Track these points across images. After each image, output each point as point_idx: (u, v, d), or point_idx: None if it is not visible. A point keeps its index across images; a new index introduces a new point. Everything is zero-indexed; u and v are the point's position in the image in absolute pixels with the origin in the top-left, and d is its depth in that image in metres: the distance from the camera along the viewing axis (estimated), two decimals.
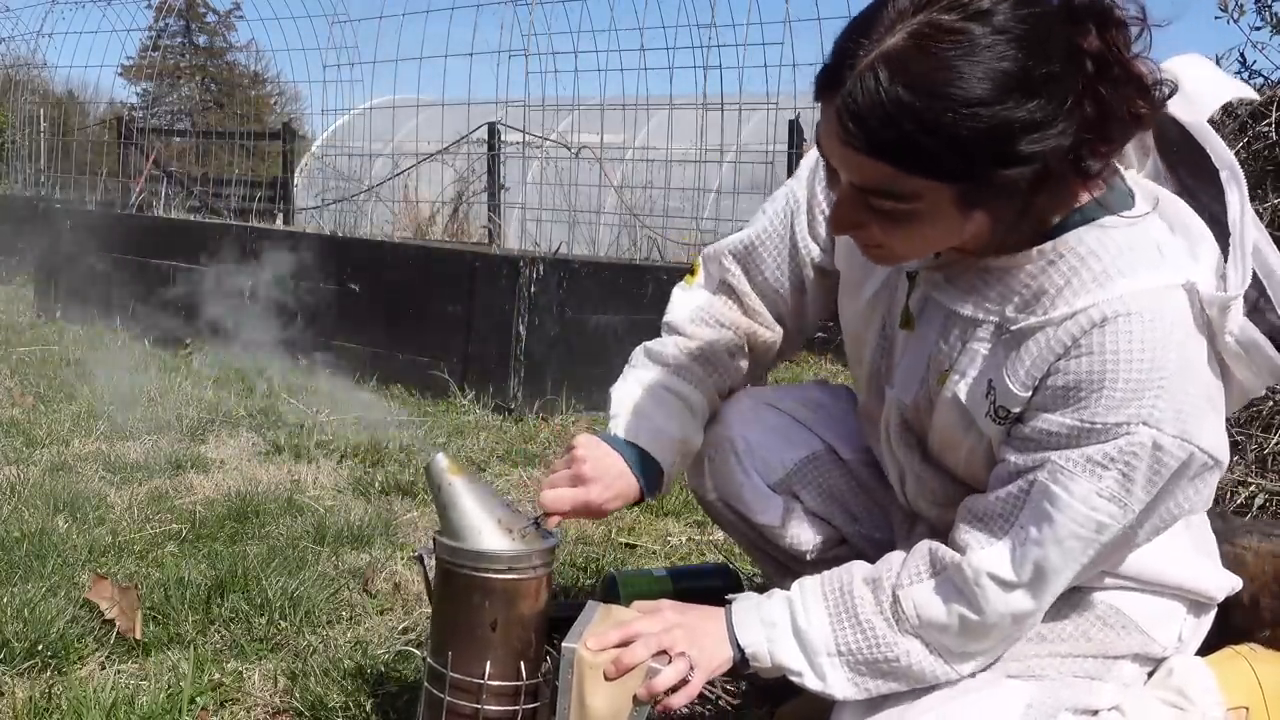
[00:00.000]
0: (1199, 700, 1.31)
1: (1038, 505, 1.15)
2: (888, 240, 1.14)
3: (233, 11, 20.33)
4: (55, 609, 1.79)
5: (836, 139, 1.06)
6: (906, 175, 1.04)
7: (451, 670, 1.26)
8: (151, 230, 5.55)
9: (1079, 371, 1.12)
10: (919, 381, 1.29)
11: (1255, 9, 2.43)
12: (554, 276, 3.90)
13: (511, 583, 1.26)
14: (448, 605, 1.29)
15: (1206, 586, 1.36)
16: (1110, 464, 1.11)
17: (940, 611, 1.20)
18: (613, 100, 7.57)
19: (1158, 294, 1.12)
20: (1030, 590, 1.18)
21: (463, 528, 1.27)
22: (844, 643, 1.24)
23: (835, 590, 1.26)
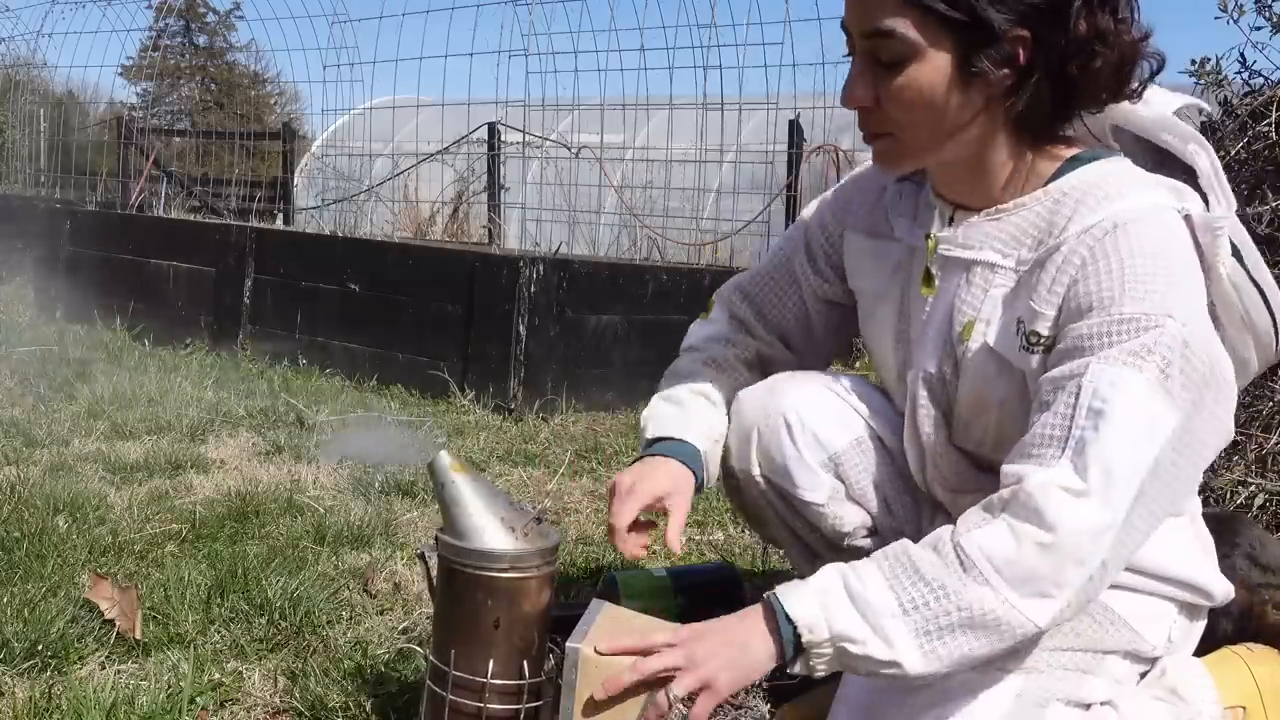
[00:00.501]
0: (1194, 699, 1.32)
1: (1089, 407, 1.12)
2: (891, 106, 1.21)
3: (233, 11, 20.32)
4: (55, 609, 1.79)
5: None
6: (907, 9, 1.16)
7: (454, 669, 1.26)
8: (151, 230, 5.55)
9: (1098, 275, 1.17)
10: (943, 343, 1.33)
11: (1255, 9, 2.43)
12: (554, 276, 3.90)
13: (514, 581, 1.26)
14: (450, 603, 1.29)
15: (1207, 583, 1.36)
16: (1148, 355, 1.12)
17: (1009, 543, 1.12)
18: (613, 100, 7.57)
19: (1159, 208, 1.21)
20: (1102, 498, 1.11)
21: (466, 526, 1.27)
22: (908, 600, 1.13)
23: (890, 556, 1.18)
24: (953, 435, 1.38)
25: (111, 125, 10.49)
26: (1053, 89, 1.20)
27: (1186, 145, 1.30)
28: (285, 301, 4.59)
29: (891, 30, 1.17)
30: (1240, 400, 2.32)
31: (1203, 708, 1.32)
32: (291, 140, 9.98)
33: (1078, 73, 1.19)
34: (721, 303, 1.63)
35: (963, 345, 1.30)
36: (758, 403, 1.53)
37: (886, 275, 1.42)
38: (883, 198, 1.45)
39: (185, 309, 4.95)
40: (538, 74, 9.54)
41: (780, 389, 1.53)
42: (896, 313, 1.41)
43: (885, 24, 1.17)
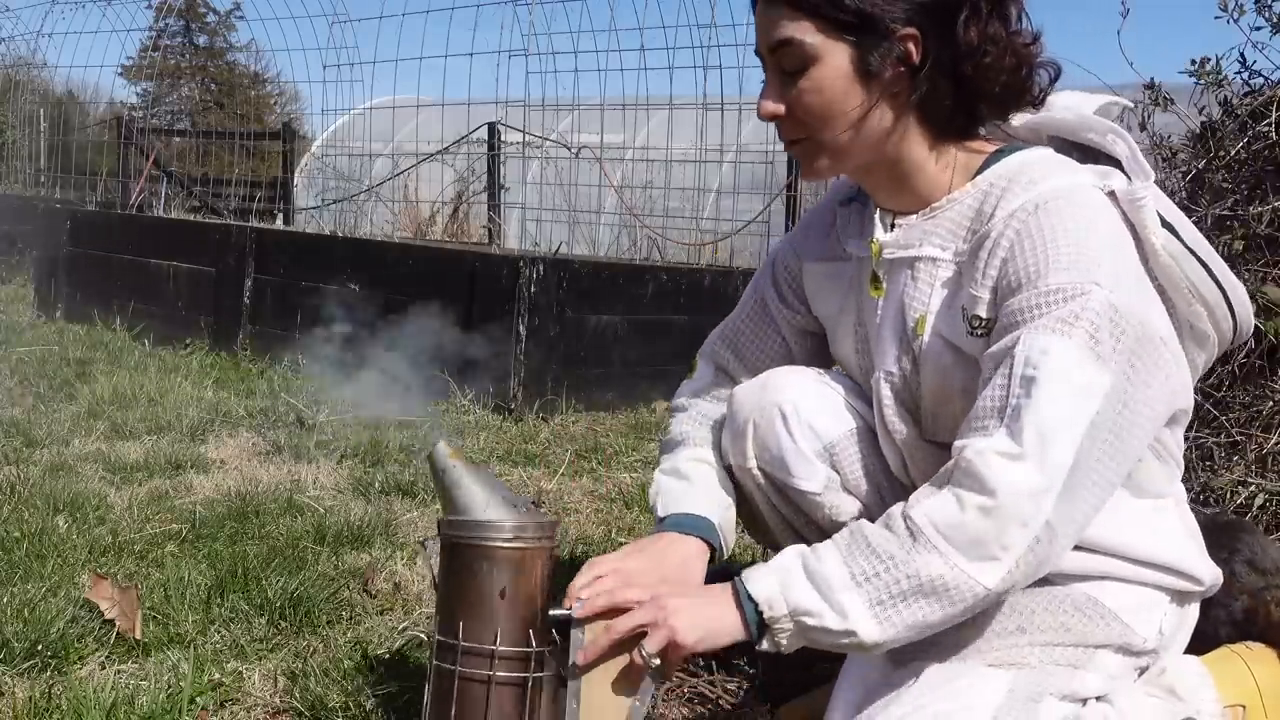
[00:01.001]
0: (1193, 698, 1.32)
1: (1021, 375, 1.18)
2: (798, 109, 1.29)
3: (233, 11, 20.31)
4: (55, 609, 1.79)
5: (760, 11, 1.30)
6: (802, 18, 1.25)
7: (463, 640, 1.27)
8: (151, 230, 5.55)
9: (1024, 253, 1.23)
10: (898, 341, 1.38)
11: (1255, 9, 2.43)
12: (554, 276, 3.90)
13: (518, 551, 1.29)
14: (456, 579, 1.31)
15: (1195, 569, 1.37)
16: (1075, 321, 1.17)
17: (953, 508, 1.17)
18: (613, 100, 7.57)
19: (1082, 186, 1.27)
20: (1037, 461, 1.15)
21: (469, 502, 1.31)
22: (859, 572, 1.20)
23: (846, 533, 1.25)
24: (924, 431, 1.41)
25: (111, 125, 10.49)
26: (953, 87, 1.27)
27: (1105, 137, 1.37)
28: (285, 301, 4.59)
29: (790, 38, 1.26)
30: (1240, 400, 2.33)
31: (1202, 706, 1.32)
32: (291, 140, 9.98)
33: (972, 71, 1.26)
34: (704, 358, 1.67)
35: (918, 340, 1.35)
36: (752, 397, 1.54)
37: (843, 292, 1.48)
38: (834, 224, 1.51)
39: (185, 309, 4.95)
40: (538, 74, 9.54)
41: (775, 383, 1.55)
42: (855, 323, 1.47)
43: (784, 34, 1.26)
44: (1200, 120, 2.51)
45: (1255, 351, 2.27)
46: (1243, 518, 2.14)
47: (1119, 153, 1.35)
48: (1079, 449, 1.16)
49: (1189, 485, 2.24)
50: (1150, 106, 2.51)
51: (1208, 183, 2.42)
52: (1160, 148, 2.54)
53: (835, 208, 1.52)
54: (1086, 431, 1.16)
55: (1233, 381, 2.32)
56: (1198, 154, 2.49)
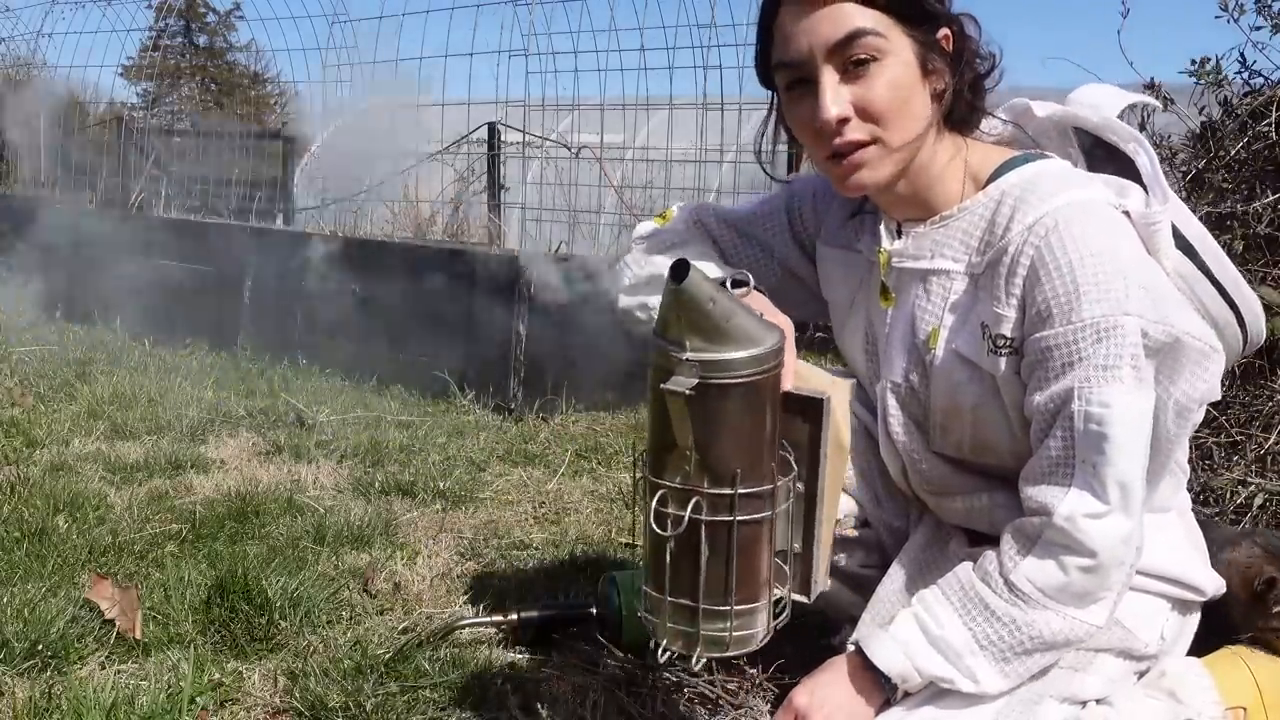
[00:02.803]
0: (1192, 700, 1.32)
1: (1086, 431, 1.20)
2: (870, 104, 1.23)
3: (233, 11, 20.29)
4: (55, 609, 1.79)
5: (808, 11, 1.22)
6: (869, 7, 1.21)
7: (740, 486, 1.12)
8: (151, 230, 5.55)
9: (1050, 279, 1.22)
10: (908, 354, 1.36)
11: (1255, 9, 2.43)
12: (554, 276, 3.90)
13: (781, 369, 1.15)
14: (747, 422, 1.13)
15: (1197, 579, 1.37)
16: (1119, 362, 1.19)
17: (1055, 573, 1.22)
18: (613, 100, 7.56)
19: (1096, 203, 1.27)
20: (1123, 509, 1.21)
21: (752, 334, 1.12)
22: (982, 636, 1.24)
23: (957, 591, 1.27)
24: (931, 442, 1.40)
25: (111, 125, 10.48)
26: (970, 83, 1.29)
27: (1127, 145, 1.36)
28: (285, 301, 4.58)
29: (864, 29, 1.22)
30: (1240, 400, 2.33)
31: (1202, 708, 1.32)
32: (291, 140, 9.97)
33: (981, 65, 1.29)
34: (683, 215, 1.59)
35: (930, 353, 1.34)
36: None
37: (853, 288, 1.46)
38: (852, 216, 1.49)
39: (185, 309, 4.95)
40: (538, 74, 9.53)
41: None
42: (864, 328, 1.45)
43: (858, 23, 1.22)
44: (1200, 120, 2.51)
45: (1255, 351, 2.27)
46: (1241, 517, 2.14)
47: (1139, 163, 1.34)
48: (1143, 475, 1.22)
49: (1189, 485, 2.24)
50: (1156, 105, 2.51)
51: (1208, 183, 2.42)
52: (1160, 148, 2.54)
53: (851, 203, 1.48)
54: (1146, 454, 1.22)
55: (1233, 381, 2.32)
56: (1198, 154, 2.49)
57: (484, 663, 1.75)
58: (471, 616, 1.91)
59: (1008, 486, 1.39)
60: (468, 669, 1.71)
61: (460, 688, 1.66)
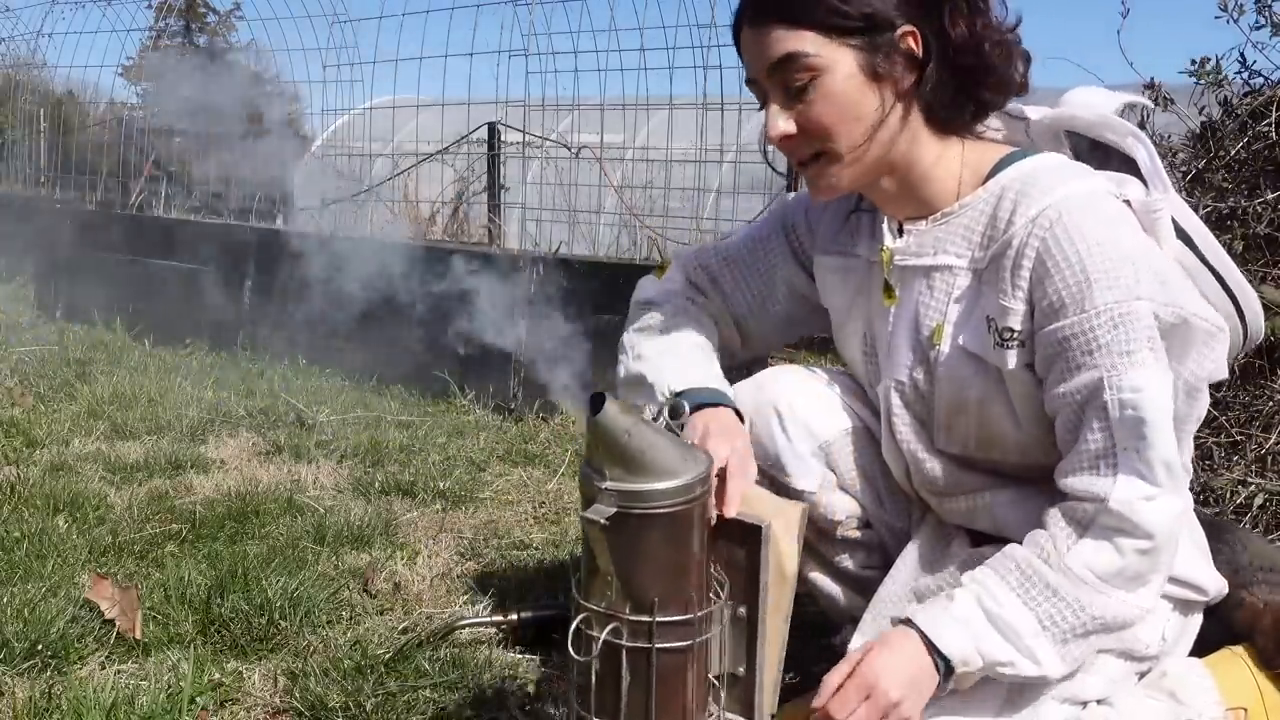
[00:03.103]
0: (1194, 700, 1.32)
1: (1123, 418, 1.22)
2: (812, 124, 1.25)
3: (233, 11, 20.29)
4: (55, 609, 1.79)
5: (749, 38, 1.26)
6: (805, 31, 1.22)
7: (658, 615, 1.13)
8: (151, 230, 5.55)
9: (1060, 270, 1.22)
10: (913, 351, 1.37)
11: (1255, 9, 2.43)
12: (554, 276, 3.90)
13: (704, 500, 1.16)
14: (666, 552, 1.14)
15: (1199, 579, 1.37)
16: (1138, 346, 1.21)
17: (1113, 557, 1.23)
18: (613, 100, 7.56)
19: (1099, 193, 1.27)
20: (1173, 487, 1.23)
21: (668, 465, 1.12)
22: (1045, 616, 1.23)
23: (1014, 570, 1.25)
24: (935, 440, 1.40)
25: (111, 125, 10.48)
26: (953, 78, 1.26)
27: (1124, 139, 1.36)
28: (285, 301, 4.58)
29: (794, 53, 1.23)
30: (1240, 400, 2.33)
31: (1203, 709, 1.32)
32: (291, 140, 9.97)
33: (971, 61, 1.26)
34: (680, 266, 1.62)
35: (934, 349, 1.34)
36: (747, 396, 1.54)
37: (852, 292, 1.46)
38: (848, 221, 1.49)
39: (185, 309, 4.95)
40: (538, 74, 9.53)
41: (769, 382, 1.55)
42: (862, 327, 1.45)
43: (786, 48, 1.23)
44: (1200, 120, 2.51)
45: (1255, 351, 2.27)
46: (1241, 518, 2.14)
47: (1138, 157, 1.34)
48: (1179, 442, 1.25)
49: (1189, 485, 2.23)
50: (1150, 106, 2.51)
51: (1208, 182, 2.42)
52: (1160, 148, 2.54)
53: (849, 206, 1.49)
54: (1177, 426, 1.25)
55: (1233, 381, 2.32)
56: (1198, 154, 2.49)
57: (484, 663, 1.74)
58: (471, 616, 1.91)
59: (1010, 485, 1.39)
60: (468, 669, 1.71)
61: (460, 688, 1.66)
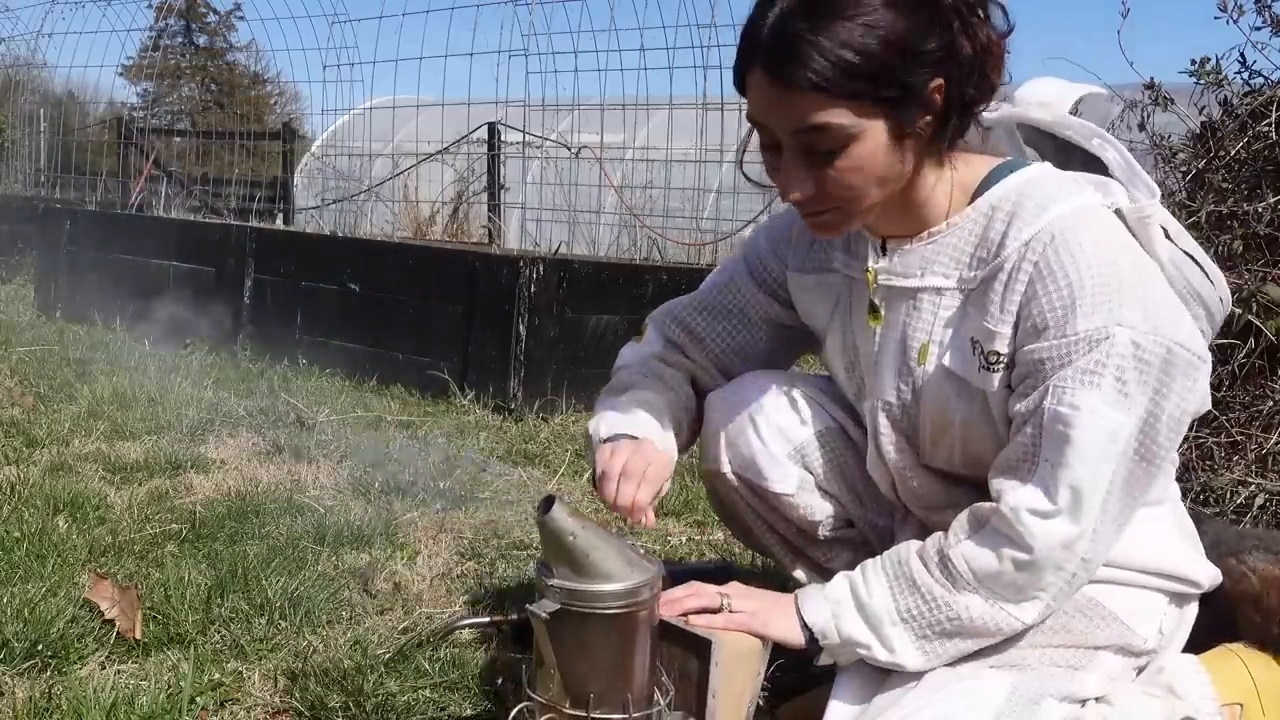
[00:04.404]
0: (1189, 696, 1.32)
1: (1052, 431, 1.20)
2: (835, 188, 1.21)
3: (233, 11, 20.34)
4: (55, 609, 1.79)
5: (768, 90, 1.19)
6: (839, 102, 1.16)
7: (594, 712, 1.21)
8: (151, 230, 5.55)
9: (1048, 293, 1.21)
10: (898, 372, 1.35)
11: (1255, 9, 2.43)
12: (554, 276, 3.90)
13: (648, 608, 1.24)
14: (589, 647, 1.22)
15: (1192, 573, 1.37)
16: (1102, 370, 1.18)
17: (990, 560, 1.23)
18: (613, 100, 7.58)
19: (1092, 209, 1.25)
20: (1071, 514, 1.20)
21: (609, 570, 1.21)
22: (905, 609, 1.27)
23: (893, 563, 1.30)
24: (921, 456, 1.40)
25: (111, 125, 10.49)
26: (959, 113, 1.23)
27: (1090, 140, 1.34)
28: (285, 301, 4.59)
29: (826, 124, 1.17)
30: (1240, 400, 2.33)
31: (1199, 705, 1.32)
32: (291, 140, 9.98)
33: (975, 92, 1.22)
34: (655, 326, 1.62)
35: (920, 368, 1.33)
36: (724, 401, 1.56)
37: (830, 308, 1.45)
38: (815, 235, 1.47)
39: (185, 309, 4.95)
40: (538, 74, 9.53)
41: (744, 387, 1.56)
42: (842, 344, 1.44)
43: (819, 119, 1.17)
44: (1200, 120, 2.51)
45: (1255, 351, 2.27)
46: (1242, 518, 2.14)
47: (1107, 159, 1.33)
48: (1108, 491, 1.20)
49: (1189, 485, 2.24)
50: (1150, 106, 2.51)
51: (1208, 183, 2.42)
52: (1160, 148, 2.54)
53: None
54: (1115, 472, 1.20)
55: (1233, 381, 2.32)
56: (1198, 154, 2.49)
57: (484, 663, 1.75)
58: (471, 616, 1.91)
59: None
60: (468, 669, 1.71)
61: (460, 688, 1.66)
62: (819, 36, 1.14)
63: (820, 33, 1.14)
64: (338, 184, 9.27)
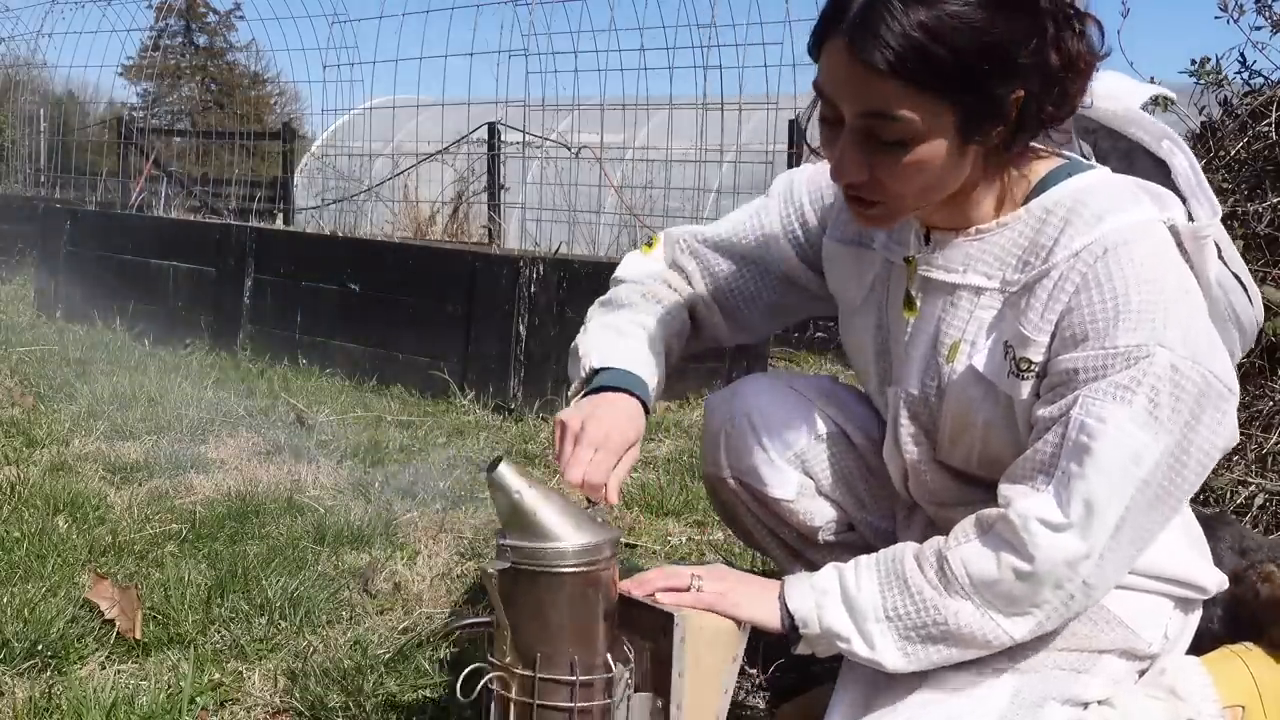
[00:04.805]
0: (1192, 698, 1.32)
1: (1075, 441, 1.15)
2: (890, 181, 1.16)
3: (233, 11, 20.34)
4: (55, 609, 1.79)
5: (845, 63, 1.11)
6: (914, 92, 1.10)
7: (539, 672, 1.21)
8: (151, 230, 5.55)
9: (1092, 304, 1.17)
10: (925, 366, 1.32)
11: (1255, 9, 2.43)
12: (554, 276, 3.90)
13: (599, 572, 1.23)
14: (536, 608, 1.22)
15: (1198, 578, 1.37)
16: (1137, 387, 1.14)
17: (990, 565, 1.19)
18: (613, 100, 7.57)
19: (1148, 224, 1.20)
20: (1081, 530, 1.16)
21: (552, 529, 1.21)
22: (892, 608, 1.23)
23: (888, 560, 1.26)
24: (937, 452, 1.38)
25: (111, 125, 10.49)
26: (1033, 127, 1.18)
27: (1160, 143, 1.30)
28: (285, 301, 4.59)
29: (896, 114, 1.12)
30: (1240, 400, 2.33)
31: (1201, 706, 1.32)
32: (291, 140, 9.98)
33: (1053, 108, 1.17)
34: (668, 245, 1.57)
35: (948, 366, 1.29)
36: (723, 405, 1.55)
37: (866, 287, 1.40)
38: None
39: (185, 309, 4.95)
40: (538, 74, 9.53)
41: (743, 390, 1.55)
42: (876, 325, 1.39)
43: (889, 108, 1.11)
44: (1200, 120, 2.51)
45: (1255, 351, 2.27)
46: (1242, 517, 2.14)
47: (1175, 165, 1.28)
48: (1124, 515, 1.16)
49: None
50: (1150, 106, 2.51)
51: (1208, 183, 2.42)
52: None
53: None
54: (1134, 497, 1.16)
55: None
56: (1198, 154, 2.49)
57: (484, 663, 1.74)
58: (471, 616, 1.91)
59: None
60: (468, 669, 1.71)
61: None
62: (913, 21, 1.08)
63: (916, 17, 1.08)
64: (338, 184, 9.27)
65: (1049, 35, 1.12)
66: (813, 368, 5.16)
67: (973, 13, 1.09)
